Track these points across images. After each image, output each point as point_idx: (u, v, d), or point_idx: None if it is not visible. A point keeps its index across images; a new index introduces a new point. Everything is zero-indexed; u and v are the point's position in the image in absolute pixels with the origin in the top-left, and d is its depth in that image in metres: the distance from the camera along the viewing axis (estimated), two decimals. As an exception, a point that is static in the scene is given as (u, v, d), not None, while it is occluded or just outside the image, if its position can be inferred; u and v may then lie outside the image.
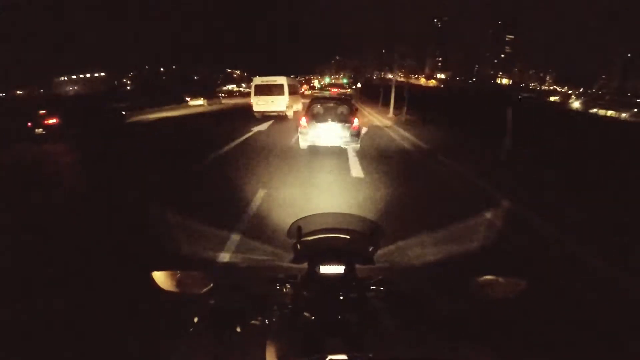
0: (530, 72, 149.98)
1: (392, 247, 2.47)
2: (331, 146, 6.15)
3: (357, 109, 6.55)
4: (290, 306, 0.75)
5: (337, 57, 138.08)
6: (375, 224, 0.98)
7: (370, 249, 0.91)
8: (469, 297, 0.73)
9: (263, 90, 12.29)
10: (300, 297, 0.78)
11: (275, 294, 0.82)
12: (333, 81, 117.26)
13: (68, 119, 8.64)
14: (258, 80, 12.58)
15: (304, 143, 6.26)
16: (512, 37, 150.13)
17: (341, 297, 0.75)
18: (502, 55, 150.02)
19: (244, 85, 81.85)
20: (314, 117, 5.99)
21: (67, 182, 5.02)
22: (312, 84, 67.09)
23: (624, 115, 61.45)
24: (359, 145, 6.13)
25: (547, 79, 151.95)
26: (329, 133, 5.91)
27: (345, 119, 5.91)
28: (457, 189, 4.33)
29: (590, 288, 2.14)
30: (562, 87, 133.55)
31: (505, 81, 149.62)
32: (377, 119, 13.11)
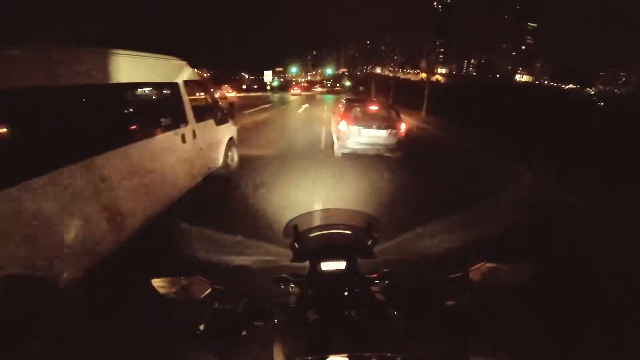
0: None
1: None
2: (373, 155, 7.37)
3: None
4: (294, 305, 0.96)
5: (314, 52, 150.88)
6: (372, 217, 1.23)
7: (370, 243, 1.16)
8: (473, 286, 0.91)
9: None
10: (305, 295, 1.00)
11: (279, 295, 1.02)
12: (309, 78, 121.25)
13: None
14: None
15: (340, 150, 7.40)
16: (535, 25, 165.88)
17: (346, 293, 0.97)
18: (523, 47, 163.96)
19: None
20: (354, 120, 7.17)
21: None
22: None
23: None
24: (400, 153, 7.37)
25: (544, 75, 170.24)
26: (370, 139, 7.11)
27: (389, 124, 7.23)
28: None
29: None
30: (565, 84, 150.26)
31: (525, 78, 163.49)
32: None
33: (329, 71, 70.75)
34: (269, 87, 54.70)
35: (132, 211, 3.14)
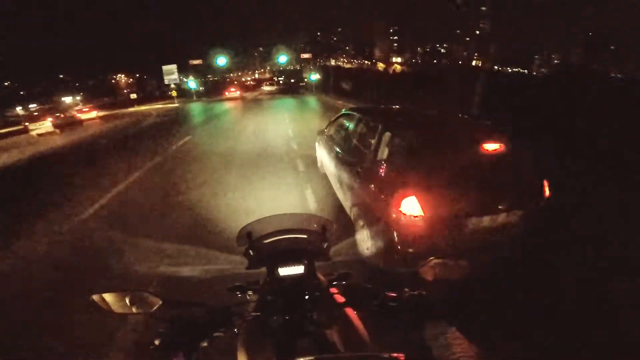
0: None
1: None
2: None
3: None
4: (254, 313, 0.99)
5: (260, 48, 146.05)
6: (324, 220, 1.29)
7: (325, 246, 1.22)
8: (424, 280, 1.03)
9: None
10: (264, 302, 1.03)
11: (238, 303, 1.04)
12: (257, 76, 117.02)
13: None
14: None
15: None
16: (485, 8, 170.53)
17: (306, 297, 1.02)
18: (477, 32, 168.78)
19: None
20: (441, 193, 2.84)
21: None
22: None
23: None
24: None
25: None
26: (487, 237, 2.92)
27: (520, 194, 3.02)
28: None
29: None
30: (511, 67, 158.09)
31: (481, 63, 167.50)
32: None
33: (283, 59, 49.67)
34: (174, 94, 35.06)
35: None
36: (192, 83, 40.20)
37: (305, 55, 50.26)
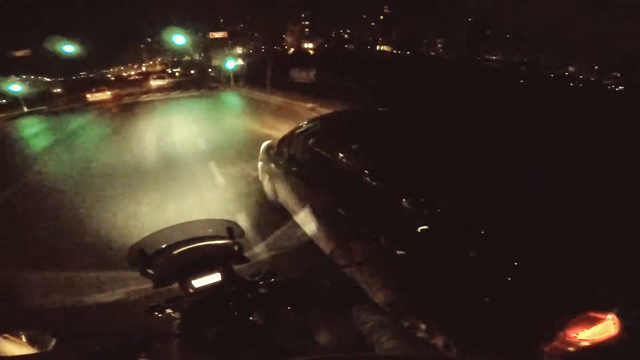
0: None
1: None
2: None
3: None
4: (181, 330, 0.92)
5: (149, 40, 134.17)
6: (228, 222, 1.22)
7: (237, 247, 1.15)
8: (341, 264, 1.12)
9: None
10: (191, 316, 0.96)
11: (158, 324, 0.98)
12: (144, 69, 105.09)
13: None
14: None
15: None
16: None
17: (230, 303, 0.97)
18: (382, 17, 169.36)
19: None
20: None
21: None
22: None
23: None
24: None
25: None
26: None
27: None
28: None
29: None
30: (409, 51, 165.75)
31: (385, 48, 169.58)
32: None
33: (180, 40, 33.12)
34: None
35: None
36: (15, 86, 24.53)
37: (218, 35, 34.23)
